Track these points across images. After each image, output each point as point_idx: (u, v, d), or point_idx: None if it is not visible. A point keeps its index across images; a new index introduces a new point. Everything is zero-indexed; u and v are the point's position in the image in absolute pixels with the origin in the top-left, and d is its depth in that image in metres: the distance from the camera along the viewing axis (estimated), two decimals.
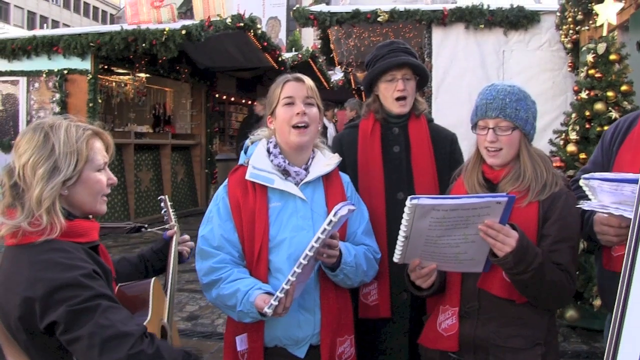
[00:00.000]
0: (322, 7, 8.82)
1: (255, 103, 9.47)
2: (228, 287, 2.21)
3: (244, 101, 16.06)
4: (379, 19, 8.28)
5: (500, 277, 2.15)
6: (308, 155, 2.45)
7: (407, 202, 1.92)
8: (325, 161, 2.46)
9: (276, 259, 2.28)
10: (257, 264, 2.27)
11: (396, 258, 2.09)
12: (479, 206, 1.94)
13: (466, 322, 2.25)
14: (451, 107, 7.71)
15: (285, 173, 2.37)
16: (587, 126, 5.00)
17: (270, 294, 2.13)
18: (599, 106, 4.93)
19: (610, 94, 4.94)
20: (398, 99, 2.78)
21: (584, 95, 5.08)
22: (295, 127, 2.34)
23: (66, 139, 1.78)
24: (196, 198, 12.88)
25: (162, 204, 2.73)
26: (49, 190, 1.71)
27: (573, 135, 5.07)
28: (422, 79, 2.89)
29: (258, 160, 2.38)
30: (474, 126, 2.33)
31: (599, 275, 2.40)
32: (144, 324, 1.87)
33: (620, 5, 5.45)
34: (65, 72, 9.33)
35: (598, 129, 4.86)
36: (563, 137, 5.25)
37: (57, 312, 1.60)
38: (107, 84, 11.16)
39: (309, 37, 28.73)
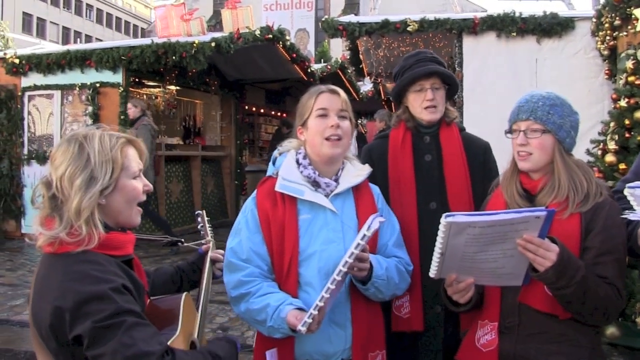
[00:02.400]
0: (350, 18, 8.79)
1: (129, 105, 9.22)
2: (258, 301, 2.18)
3: (273, 113, 16.11)
4: (408, 28, 8.19)
5: (542, 290, 2.07)
6: (338, 166, 2.39)
7: (442, 220, 1.87)
8: (355, 172, 2.40)
9: (306, 272, 2.24)
10: (286, 277, 2.24)
11: (432, 273, 2.03)
12: (516, 221, 1.87)
13: (506, 337, 2.18)
14: (482, 117, 7.57)
15: (315, 184, 2.32)
16: (627, 135, 4.85)
17: (301, 309, 2.09)
18: (639, 114, 4.77)
19: None
20: (427, 107, 2.74)
21: (623, 103, 4.93)
22: (328, 138, 2.28)
23: (101, 148, 1.79)
24: (226, 209, 12.90)
25: (199, 219, 2.72)
26: (87, 200, 1.72)
27: (612, 145, 4.91)
28: (452, 87, 2.85)
29: (288, 172, 2.34)
30: (509, 132, 2.28)
31: None
32: (171, 339, 1.85)
33: None
34: (98, 85, 9.45)
35: (638, 138, 4.71)
36: (601, 146, 5.10)
37: (84, 325, 1.60)
38: (138, 96, 11.27)
39: (338, 48, 28.78)
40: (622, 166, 4.75)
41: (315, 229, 2.27)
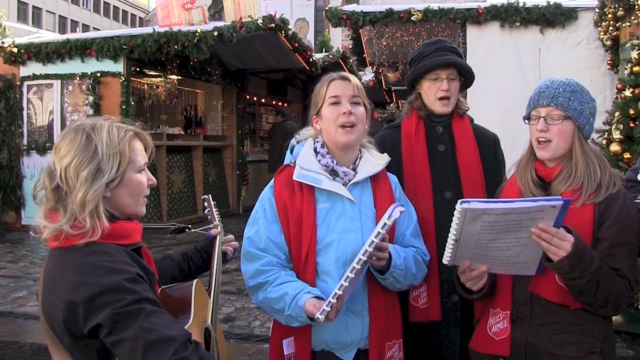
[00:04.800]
0: (354, 7, 8.77)
1: None
2: (275, 290, 2.18)
3: (274, 103, 16.08)
4: (412, 18, 8.19)
5: (553, 281, 2.07)
6: (355, 154, 2.39)
7: (457, 206, 1.87)
8: (374, 161, 2.40)
9: (324, 261, 2.24)
10: (304, 266, 2.24)
11: (445, 260, 2.04)
12: (532, 210, 1.87)
13: (518, 327, 2.18)
14: (486, 107, 7.52)
15: (333, 173, 2.32)
16: (632, 125, 4.87)
17: (319, 297, 2.09)
18: None
19: None
20: (441, 98, 2.73)
21: (628, 93, 4.95)
22: (342, 126, 2.28)
23: (109, 141, 1.76)
24: (228, 200, 12.90)
25: (206, 204, 2.70)
26: (93, 192, 1.69)
27: (616, 135, 4.93)
28: (467, 79, 2.84)
29: (306, 160, 2.33)
30: (527, 119, 2.27)
31: None
32: (186, 327, 1.83)
33: None
34: (99, 74, 9.40)
35: None
36: (606, 136, 5.11)
37: (101, 315, 1.58)
38: (139, 86, 11.22)
39: (338, 38, 28.67)
40: (626, 155, 4.78)
41: (333, 218, 2.27)
